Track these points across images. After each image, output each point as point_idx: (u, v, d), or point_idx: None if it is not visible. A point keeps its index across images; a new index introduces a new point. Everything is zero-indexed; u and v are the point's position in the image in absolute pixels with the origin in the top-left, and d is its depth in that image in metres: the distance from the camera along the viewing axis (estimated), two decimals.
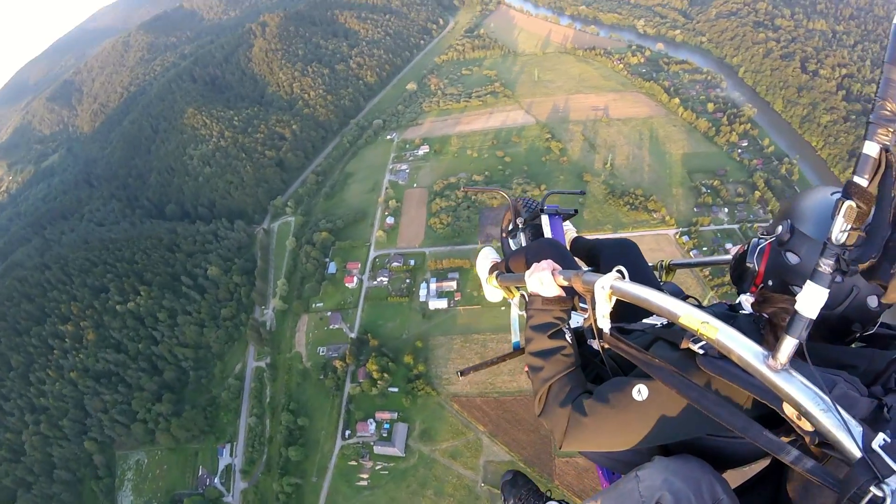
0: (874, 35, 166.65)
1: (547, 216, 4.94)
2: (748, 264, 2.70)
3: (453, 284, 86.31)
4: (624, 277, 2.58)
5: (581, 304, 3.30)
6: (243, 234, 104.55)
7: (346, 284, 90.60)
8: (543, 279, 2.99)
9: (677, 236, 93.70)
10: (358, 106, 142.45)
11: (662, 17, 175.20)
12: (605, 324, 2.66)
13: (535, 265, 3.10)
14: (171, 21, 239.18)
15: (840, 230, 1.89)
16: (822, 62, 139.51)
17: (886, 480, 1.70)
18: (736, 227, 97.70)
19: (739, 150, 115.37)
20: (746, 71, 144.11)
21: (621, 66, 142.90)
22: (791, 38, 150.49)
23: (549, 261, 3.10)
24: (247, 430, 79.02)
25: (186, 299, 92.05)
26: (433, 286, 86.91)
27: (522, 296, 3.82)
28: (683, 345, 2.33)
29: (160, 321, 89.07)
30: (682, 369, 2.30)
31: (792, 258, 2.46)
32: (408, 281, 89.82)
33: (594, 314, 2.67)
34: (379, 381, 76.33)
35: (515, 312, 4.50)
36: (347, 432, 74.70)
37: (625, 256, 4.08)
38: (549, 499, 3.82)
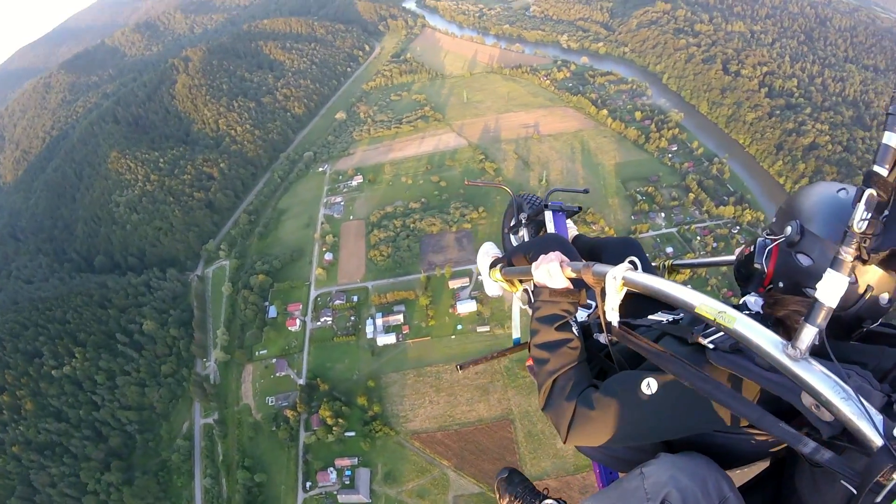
0: (790, 31, 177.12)
1: (551, 212, 5.04)
2: (756, 265, 2.84)
3: (400, 318, 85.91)
4: (636, 268, 2.62)
5: (587, 301, 3.45)
6: (177, 284, 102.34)
7: (289, 328, 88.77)
8: (552, 270, 3.04)
9: None
10: (287, 139, 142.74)
11: (585, 31, 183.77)
12: (614, 317, 2.72)
13: (542, 257, 3.16)
14: (93, 59, 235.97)
15: (861, 218, 1.94)
16: (742, 62, 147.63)
17: None
18: (674, 230, 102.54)
19: (670, 155, 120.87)
20: (670, 77, 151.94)
21: (548, 81, 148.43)
22: (711, 41, 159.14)
23: (558, 252, 3.16)
24: (203, 492, 76.24)
25: (124, 358, 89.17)
26: (379, 321, 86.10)
27: (525, 290, 4.05)
28: (693, 339, 2.43)
29: (99, 384, 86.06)
30: (692, 363, 2.35)
31: (804, 260, 2.55)
32: (353, 318, 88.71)
33: (603, 306, 2.73)
34: (334, 427, 74.77)
35: (517, 308, 4.53)
36: (308, 484, 72.79)
37: (628, 255, 3.69)
38: (546, 497, 3.81)
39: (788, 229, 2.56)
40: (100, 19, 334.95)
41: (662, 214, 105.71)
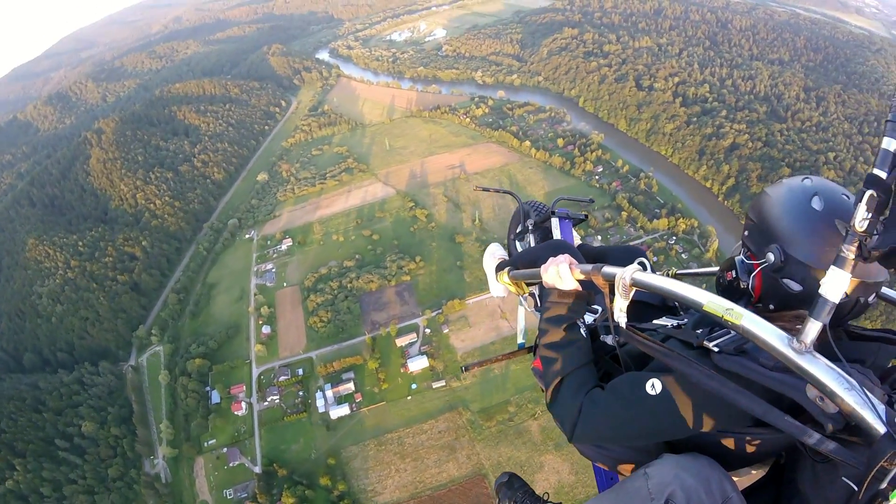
0: (695, 39, 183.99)
1: (557, 219, 5.15)
2: (742, 284, 2.90)
3: (350, 386, 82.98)
4: (646, 269, 2.71)
5: (594, 306, 3.72)
6: (111, 377, 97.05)
7: (235, 412, 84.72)
8: (562, 271, 3.12)
9: None
10: (209, 207, 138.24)
11: (498, 65, 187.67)
12: (622, 318, 2.82)
13: (552, 259, 3.23)
14: (6, 135, 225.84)
15: (862, 218, 2.05)
16: (654, 76, 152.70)
17: None
18: None
19: (597, 177, 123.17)
20: (586, 100, 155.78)
21: (468, 119, 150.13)
22: (621, 60, 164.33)
23: (567, 255, 3.23)
24: None
25: (67, 465, 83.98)
26: (329, 393, 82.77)
27: (532, 294, 4.29)
28: (698, 343, 2.54)
29: (46, 497, 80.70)
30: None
31: (793, 286, 2.61)
32: (301, 393, 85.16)
33: (612, 308, 2.84)
34: None
35: (522, 312, 4.85)
36: None
37: (634, 259, 3.71)
38: (546, 501, 3.92)
39: (771, 256, 2.62)
40: (12, 92, 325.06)
41: (599, 237, 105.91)
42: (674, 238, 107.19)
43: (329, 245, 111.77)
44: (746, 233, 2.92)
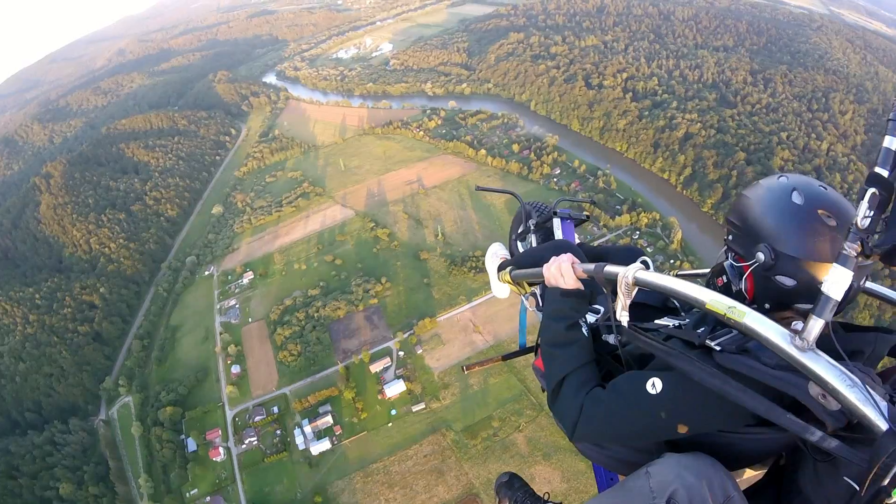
0: (640, 33, 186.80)
1: (559, 219, 5.19)
2: (734, 288, 2.92)
3: (328, 419, 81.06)
4: (648, 268, 2.79)
5: (595, 306, 3.73)
6: (83, 434, 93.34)
7: (214, 458, 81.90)
8: (564, 270, 3.23)
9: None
10: (165, 246, 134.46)
11: (447, 75, 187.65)
12: (624, 317, 2.90)
13: (554, 258, 3.34)
14: None
15: (864, 216, 2.07)
16: (603, 74, 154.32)
17: None
18: None
19: (555, 179, 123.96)
20: (537, 103, 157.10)
21: (421, 133, 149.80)
22: (569, 60, 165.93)
23: (570, 254, 3.34)
24: None
25: None
26: (308, 429, 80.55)
27: (534, 293, 4.36)
28: (700, 342, 2.56)
29: None
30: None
31: (787, 281, 2.61)
32: (279, 432, 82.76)
33: (614, 307, 2.92)
34: None
35: (524, 312, 4.93)
36: None
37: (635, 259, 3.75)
38: (547, 501, 3.98)
39: (761, 256, 2.64)
40: None
41: None
42: (637, 233, 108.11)
43: (291, 274, 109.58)
44: (730, 237, 2.96)
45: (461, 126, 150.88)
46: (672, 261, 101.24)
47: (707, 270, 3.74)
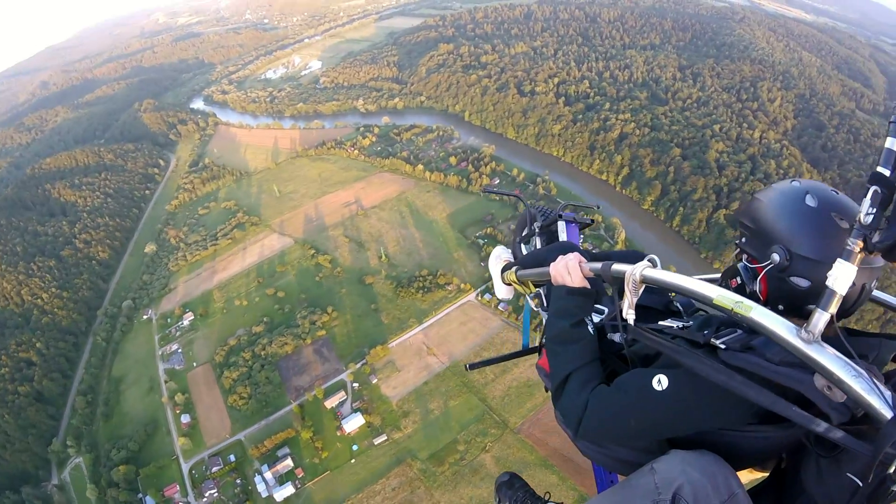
0: (568, 37, 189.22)
1: (564, 223, 5.20)
2: (749, 291, 2.89)
3: (289, 462, 77.55)
4: (655, 266, 2.83)
5: (600, 306, 3.83)
6: (38, 503, 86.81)
7: None
8: (571, 267, 3.29)
9: (480, 298, 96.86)
10: (100, 292, 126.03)
11: (378, 90, 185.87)
12: (631, 315, 2.88)
13: (561, 257, 3.39)
14: None
15: (867, 212, 2.19)
16: (534, 80, 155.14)
17: None
18: None
19: (495, 190, 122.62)
20: (471, 113, 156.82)
21: (356, 151, 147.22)
22: (500, 69, 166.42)
23: (576, 253, 3.39)
24: None
25: None
26: (268, 475, 76.96)
27: (539, 294, 4.39)
28: (705, 341, 2.60)
29: None
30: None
31: (801, 283, 2.62)
32: (239, 482, 78.44)
33: (621, 305, 2.92)
34: None
35: (528, 313, 5.09)
36: None
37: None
38: (547, 501, 4.02)
39: (776, 257, 2.66)
40: None
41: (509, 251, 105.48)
42: (582, 236, 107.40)
43: (233, 312, 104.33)
44: (744, 239, 2.99)
45: (396, 142, 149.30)
46: None
47: (712, 276, 3.71)
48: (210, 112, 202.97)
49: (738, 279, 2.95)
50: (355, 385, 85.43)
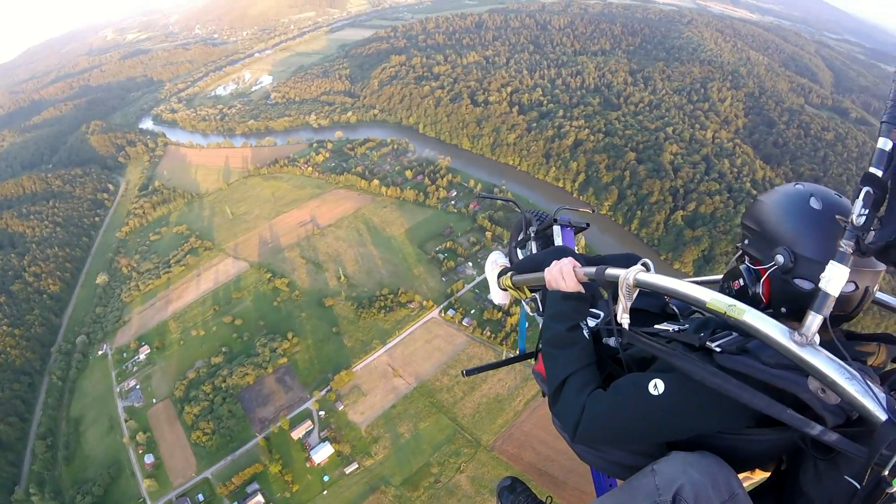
0: (519, 46, 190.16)
1: (559, 227, 5.15)
2: (752, 293, 2.83)
3: (259, 499, 74.14)
4: (649, 270, 2.76)
5: (596, 310, 3.74)
6: None
7: None
8: (565, 272, 3.28)
9: (443, 314, 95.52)
10: (52, 327, 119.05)
11: (331, 104, 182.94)
12: (625, 319, 2.87)
13: (555, 261, 3.39)
14: None
15: (858, 213, 2.22)
16: (487, 90, 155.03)
17: None
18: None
19: (453, 202, 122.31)
20: (426, 125, 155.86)
21: (310, 168, 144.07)
22: (453, 79, 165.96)
23: (571, 258, 3.40)
24: None
25: None
26: None
27: (534, 298, 4.30)
28: (701, 344, 2.61)
29: None
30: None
31: (805, 285, 2.57)
32: None
33: (615, 309, 2.91)
34: None
35: (524, 318, 4.98)
36: None
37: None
38: None
39: (780, 258, 2.66)
40: None
41: (470, 264, 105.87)
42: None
43: (190, 343, 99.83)
44: (746, 241, 3.00)
45: (351, 157, 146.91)
46: None
47: (713, 278, 3.85)
48: (159, 132, 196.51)
49: (741, 281, 2.95)
50: (321, 413, 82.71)
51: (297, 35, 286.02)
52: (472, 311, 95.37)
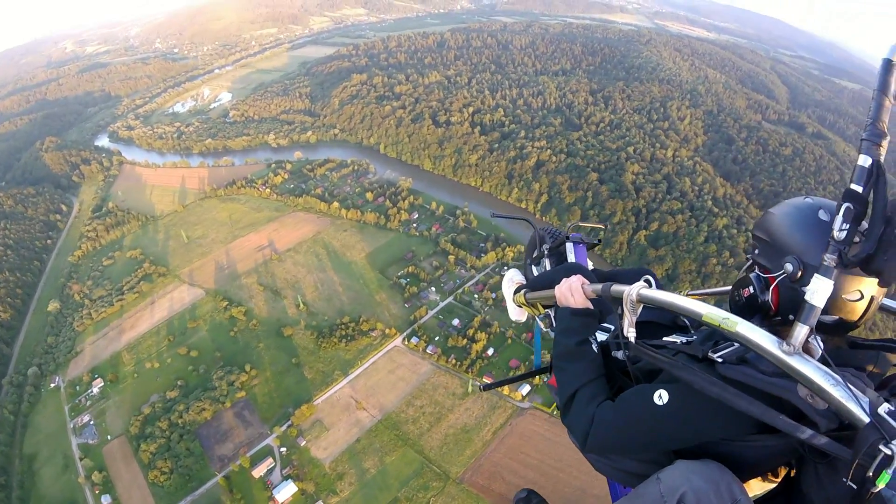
0: (481, 65, 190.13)
1: (572, 244, 5.32)
2: (761, 300, 2.88)
3: None
4: (651, 286, 2.95)
5: (607, 325, 4.00)
6: None
7: None
8: (573, 289, 3.48)
9: (407, 342, 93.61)
10: (3, 357, 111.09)
11: (290, 123, 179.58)
12: (632, 333, 3.03)
13: (564, 279, 3.57)
14: None
15: (839, 228, 2.31)
16: (449, 110, 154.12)
17: (894, 441, 2.02)
18: (451, 300, 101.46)
19: (415, 225, 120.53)
20: (387, 146, 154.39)
21: (268, 190, 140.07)
22: (414, 99, 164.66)
23: (579, 276, 3.58)
24: None
25: None
26: None
27: (548, 314, 4.52)
28: (704, 355, 2.75)
29: None
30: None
31: None
32: None
33: (622, 324, 3.06)
34: None
35: (538, 334, 5.08)
36: None
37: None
38: None
39: (789, 266, 2.71)
40: None
41: (433, 289, 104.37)
42: (505, 268, 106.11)
43: (145, 376, 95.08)
44: (756, 251, 3.07)
45: (310, 178, 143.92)
46: None
47: (723, 289, 4.01)
48: (115, 150, 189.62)
49: (751, 288, 2.99)
50: (283, 450, 79.37)
51: (258, 51, 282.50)
52: (437, 339, 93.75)
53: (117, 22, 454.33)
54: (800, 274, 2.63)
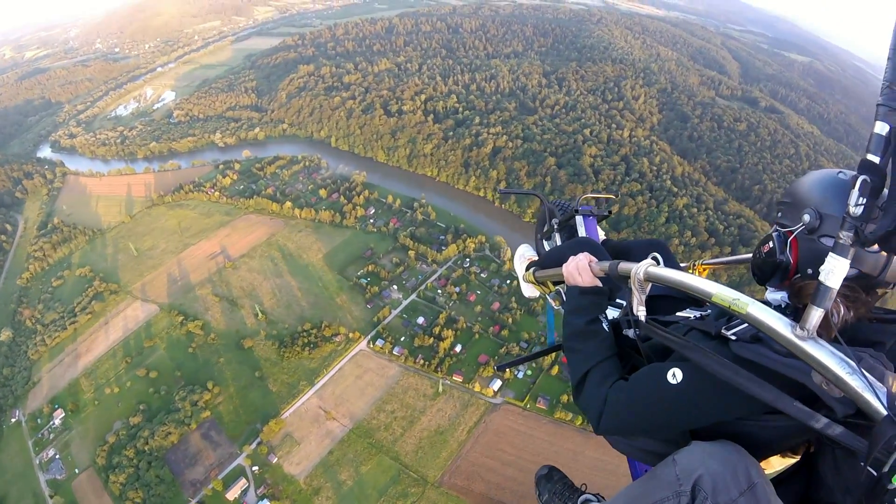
0: (432, 50, 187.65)
1: (581, 217, 5.29)
2: (780, 259, 2.86)
3: None
4: (659, 264, 2.88)
5: (617, 301, 3.96)
6: None
7: None
8: (581, 268, 3.45)
9: (372, 345, 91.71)
10: None
11: (237, 120, 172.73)
12: (641, 311, 3.01)
13: (571, 257, 3.52)
14: None
15: (855, 203, 2.17)
16: (401, 99, 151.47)
17: None
18: (414, 297, 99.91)
19: (371, 221, 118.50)
20: (338, 139, 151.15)
21: (217, 193, 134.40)
22: (364, 89, 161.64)
23: (587, 253, 3.54)
24: None
25: None
26: None
27: (559, 291, 4.45)
28: (717, 332, 2.68)
29: None
30: (717, 353, 2.54)
31: (830, 242, 2.45)
32: None
33: (631, 302, 3.03)
34: None
35: (550, 311, 5.02)
36: None
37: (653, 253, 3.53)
38: (584, 493, 4.04)
39: (806, 217, 2.74)
40: None
41: (395, 287, 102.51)
42: (468, 261, 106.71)
43: (105, 402, 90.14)
44: (780, 213, 3.06)
45: (260, 178, 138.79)
46: (509, 281, 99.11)
47: (744, 257, 3.99)
48: (58, 161, 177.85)
49: (770, 244, 2.96)
50: (255, 469, 76.78)
51: (202, 46, 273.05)
52: (402, 339, 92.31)
53: (56, 23, 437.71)
54: (818, 224, 2.65)
